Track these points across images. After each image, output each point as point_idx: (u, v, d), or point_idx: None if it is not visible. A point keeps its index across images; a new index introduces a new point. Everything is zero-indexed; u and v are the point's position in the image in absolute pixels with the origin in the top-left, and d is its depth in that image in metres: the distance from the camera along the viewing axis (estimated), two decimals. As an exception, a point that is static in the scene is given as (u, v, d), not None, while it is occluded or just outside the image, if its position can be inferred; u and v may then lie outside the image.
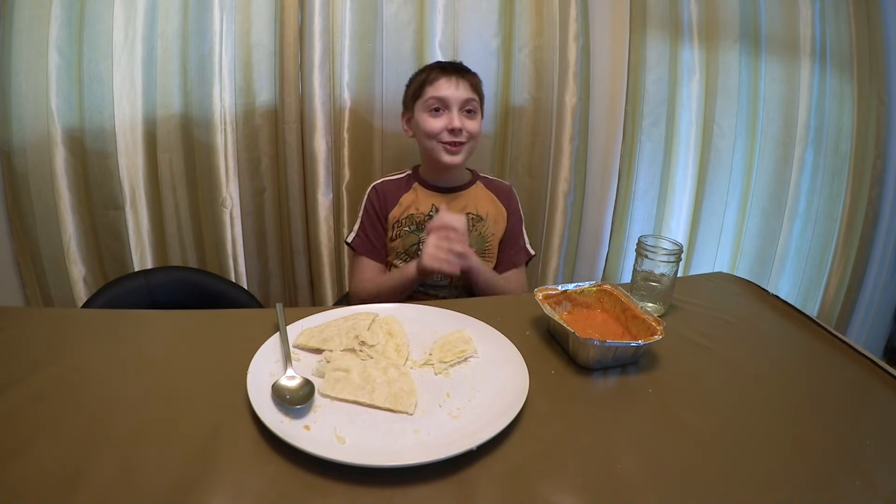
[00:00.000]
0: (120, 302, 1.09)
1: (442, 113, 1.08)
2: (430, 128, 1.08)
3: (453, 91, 1.07)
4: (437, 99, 1.08)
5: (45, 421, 0.58)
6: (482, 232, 1.15)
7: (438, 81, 1.08)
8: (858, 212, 1.54)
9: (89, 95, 1.25)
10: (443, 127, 1.07)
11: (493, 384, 0.66)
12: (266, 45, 1.32)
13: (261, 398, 0.60)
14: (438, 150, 1.09)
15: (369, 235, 1.14)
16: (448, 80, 1.08)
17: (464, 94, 1.08)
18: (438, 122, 1.08)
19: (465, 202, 1.15)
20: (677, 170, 1.56)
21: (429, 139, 1.09)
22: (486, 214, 1.16)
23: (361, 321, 0.77)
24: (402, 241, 1.13)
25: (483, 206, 1.16)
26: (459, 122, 1.07)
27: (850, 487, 0.53)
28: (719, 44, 1.45)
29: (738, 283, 1.04)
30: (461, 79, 1.09)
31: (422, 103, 1.10)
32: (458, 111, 1.08)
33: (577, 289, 0.85)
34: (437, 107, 1.08)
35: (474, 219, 1.15)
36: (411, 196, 1.15)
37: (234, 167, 1.37)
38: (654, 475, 0.54)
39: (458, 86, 1.08)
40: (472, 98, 1.10)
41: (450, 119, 1.07)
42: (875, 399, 0.69)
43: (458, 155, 1.09)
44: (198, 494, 0.49)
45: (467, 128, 1.09)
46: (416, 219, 1.13)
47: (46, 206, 1.31)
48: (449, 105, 1.08)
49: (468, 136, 1.09)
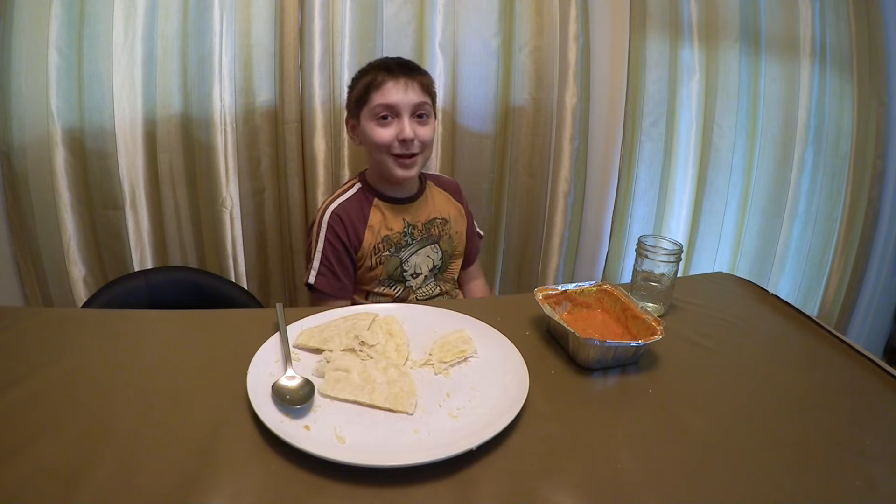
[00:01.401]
0: (120, 302, 1.09)
1: (391, 121, 0.98)
2: (379, 139, 0.98)
3: (402, 96, 0.96)
4: (384, 106, 0.97)
5: (45, 421, 0.58)
6: (450, 234, 1.12)
7: (385, 86, 0.97)
8: (858, 212, 1.54)
9: (89, 95, 1.25)
10: (393, 137, 0.97)
11: (493, 384, 0.66)
12: (266, 45, 1.32)
13: (261, 398, 0.60)
14: (390, 163, 1.00)
15: (336, 272, 1.01)
16: (396, 82, 0.97)
17: (414, 98, 0.97)
18: (388, 131, 0.98)
19: (428, 210, 1.10)
20: (677, 170, 1.56)
21: (378, 151, 1.00)
22: (448, 215, 1.13)
23: (361, 321, 0.77)
24: (384, 267, 1.05)
25: (444, 209, 1.12)
26: (411, 132, 0.97)
27: (850, 487, 0.53)
28: (719, 44, 1.45)
29: (738, 283, 1.03)
30: (411, 80, 0.98)
31: (368, 111, 0.99)
32: (409, 118, 0.97)
33: (577, 289, 0.85)
34: (385, 114, 0.98)
35: (441, 223, 1.10)
36: (377, 216, 1.05)
37: (233, 167, 1.37)
38: (654, 475, 0.54)
39: (407, 89, 0.97)
40: (424, 101, 1.00)
41: (400, 128, 0.97)
42: (875, 399, 0.69)
43: (411, 168, 1.00)
44: (198, 494, 0.49)
45: (420, 135, 0.98)
46: (392, 240, 1.05)
47: (46, 206, 1.30)
48: (399, 112, 0.97)
49: (421, 145, 1.00)
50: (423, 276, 1.09)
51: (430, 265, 1.09)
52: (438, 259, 1.11)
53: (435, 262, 1.10)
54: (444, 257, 1.11)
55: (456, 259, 1.16)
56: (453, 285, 1.15)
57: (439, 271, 1.12)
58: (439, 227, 1.11)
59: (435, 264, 1.10)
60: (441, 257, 1.11)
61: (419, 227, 1.09)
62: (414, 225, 1.09)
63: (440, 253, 1.11)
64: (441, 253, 1.11)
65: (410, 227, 1.08)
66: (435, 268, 1.10)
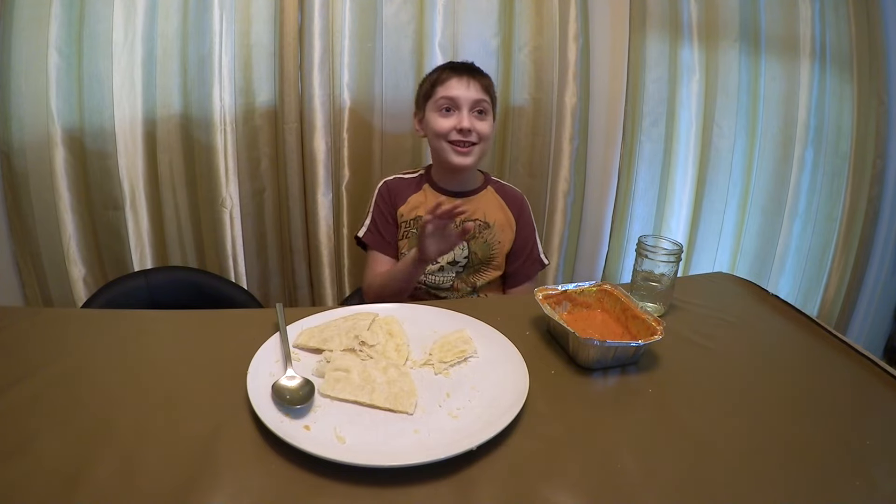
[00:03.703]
0: (120, 302, 1.09)
1: (452, 113, 1.08)
2: (440, 127, 1.07)
3: (464, 91, 1.07)
4: (447, 99, 1.07)
5: (45, 421, 0.58)
6: (488, 239, 1.13)
7: (449, 81, 1.08)
8: (858, 211, 1.54)
9: (89, 95, 1.25)
10: (452, 126, 1.06)
11: (493, 384, 0.66)
12: (266, 45, 1.32)
13: (261, 398, 0.60)
14: (447, 150, 1.08)
15: (381, 230, 1.14)
16: (459, 80, 1.07)
17: (474, 95, 1.07)
18: (448, 121, 1.07)
19: (473, 207, 1.13)
20: (677, 169, 1.56)
21: (438, 139, 1.09)
22: (493, 222, 1.14)
23: (361, 321, 0.77)
24: (408, 241, 1.12)
25: (491, 214, 1.14)
26: (469, 123, 1.06)
27: (850, 487, 0.53)
28: (719, 44, 1.45)
29: (738, 283, 1.03)
30: (472, 79, 1.08)
31: (433, 103, 1.09)
32: (468, 111, 1.07)
33: (577, 289, 0.85)
34: (448, 107, 1.08)
35: (481, 226, 1.13)
36: (420, 197, 1.14)
37: (233, 167, 1.37)
38: (654, 475, 0.54)
39: (468, 86, 1.07)
40: (483, 99, 1.08)
41: (459, 119, 1.06)
42: (875, 399, 0.69)
43: (468, 157, 1.08)
44: (198, 494, 0.49)
45: (477, 129, 1.07)
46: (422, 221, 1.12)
47: (46, 206, 1.31)
48: (459, 105, 1.07)
49: (478, 137, 1.08)
50: (440, 265, 1.11)
51: (450, 257, 1.11)
52: (462, 256, 1.12)
53: (456, 257, 1.11)
54: (472, 258, 1.12)
55: (488, 267, 1.15)
56: (472, 290, 1.14)
57: (463, 269, 1.13)
58: (478, 227, 1.13)
59: (456, 259, 1.11)
60: (466, 256, 1.12)
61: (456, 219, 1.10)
62: None
63: (467, 251, 1.12)
64: (468, 252, 1.12)
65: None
66: (456, 262, 1.11)
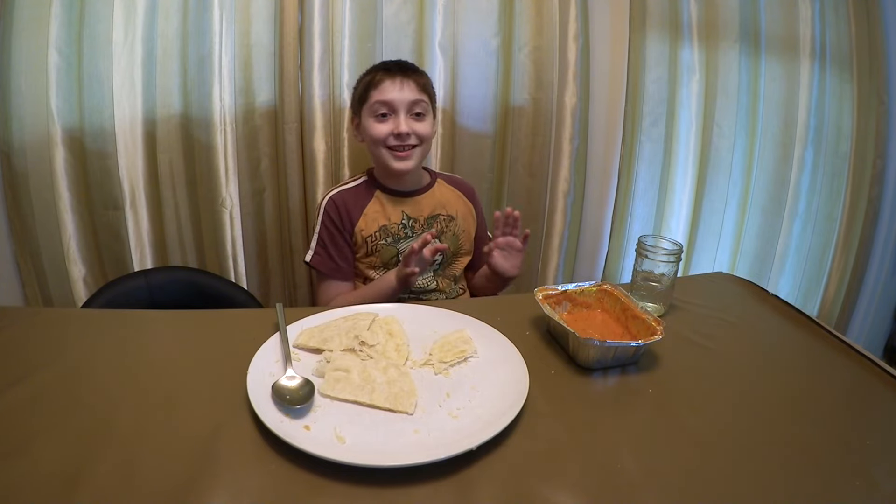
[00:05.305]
0: (120, 302, 1.09)
1: (388, 117, 1.04)
2: (376, 134, 1.04)
3: (398, 93, 1.02)
4: (382, 103, 1.03)
5: (45, 421, 0.58)
6: (455, 231, 1.13)
7: (383, 84, 1.03)
8: (858, 212, 1.54)
9: (89, 95, 1.25)
10: (389, 132, 1.03)
11: (493, 384, 0.66)
12: (266, 45, 1.31)
13: (261, 398, 0.60)
14: (387, 156, 1.05)
15: (331, 254, 1.08)
16: (392, 81, 1.03)
17: (410, 96, 1.03)
18: (384, 127, 1.03)
19: (432, 204, 1.12)
20: (677, 169, 1.56)
21: (376, 145, 1.05)
22: (455, 213, 1.14)
23: (361, 321, 0.77)
24: (379, 255, 1.09)
25: (451, 205, 1.14)
26: (406, 127, 1.02)
27: (850, 487, 0.53)
28: (719, 44, 1.45)
29: (738, 283, 1.04)
30: (406, 79, 1.04)
31: (367, 108, 1.05)
32: (405, 114, 1.03)
33: (577, 289, 0.85)
34: (384, 111, 1.03)
35: (446, 219, 1.12)
36: (376, 206, 1.10)
37: (233, 167, 1.37)
38: (654, 475, 0.54)
39: (402, 87, 1.03)
40: (420, 99, 1.05)
41: (396, 123, 1.02)
42: (875, 399, 0.69)
43: (408, 161, 1.05)
44: (198, 494, 0.49)
45: (416, 131, 1.04)
46: (390, 230, 1.09)
47: (46, 206, 1.30)
48: (395, 108, 1.03)
49: (418, 139, 1.05)
50: None
51: None
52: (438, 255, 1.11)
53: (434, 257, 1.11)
54: (445, 254, 1.12)
55: (461, 257, 1.16)
56: (453, 282, 1.15)
57: (439, 266, 1.13)
58: (443, 222, 1.12)
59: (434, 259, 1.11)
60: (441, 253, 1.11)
61: (421, 220, 1.11)
62: (415, 218, 1.11)
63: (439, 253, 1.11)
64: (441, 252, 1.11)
65: (411, 219, 1.10)
66: (434, 262, 1.11)
